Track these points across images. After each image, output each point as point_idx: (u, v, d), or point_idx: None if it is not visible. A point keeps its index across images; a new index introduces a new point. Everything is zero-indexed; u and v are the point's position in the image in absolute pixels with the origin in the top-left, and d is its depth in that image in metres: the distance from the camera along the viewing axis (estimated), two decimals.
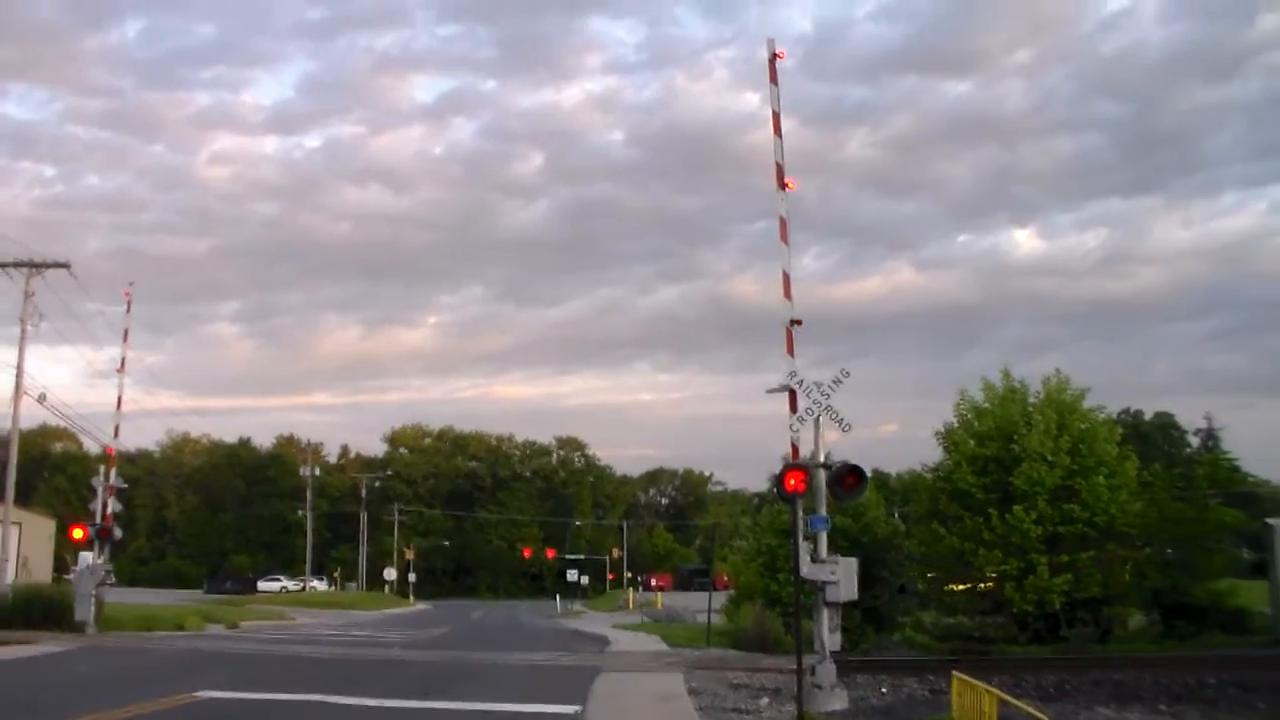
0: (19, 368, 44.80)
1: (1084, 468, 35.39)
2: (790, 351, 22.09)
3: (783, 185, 23.11)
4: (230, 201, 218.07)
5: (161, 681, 22.88)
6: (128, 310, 43.69)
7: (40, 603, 39.33)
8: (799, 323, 22.32)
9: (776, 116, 23.36)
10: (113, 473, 40.64)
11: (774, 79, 23.61)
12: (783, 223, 22.99)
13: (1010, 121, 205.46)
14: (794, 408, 21.34)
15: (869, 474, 22.96)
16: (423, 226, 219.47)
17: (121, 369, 42.86)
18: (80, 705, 18.36)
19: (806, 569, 20.35)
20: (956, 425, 38.59)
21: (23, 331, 45.40)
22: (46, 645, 31.75)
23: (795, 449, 21.52)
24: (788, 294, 22.53)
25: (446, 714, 19.33)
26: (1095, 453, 35.81)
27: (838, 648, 21.28)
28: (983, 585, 37.34)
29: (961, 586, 38.75)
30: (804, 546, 20.00)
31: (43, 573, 77.31)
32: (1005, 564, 34.85)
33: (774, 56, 23.68)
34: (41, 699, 20.29)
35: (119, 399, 42.77)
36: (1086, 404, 37.67)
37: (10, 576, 49.80)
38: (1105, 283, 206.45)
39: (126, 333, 43.49)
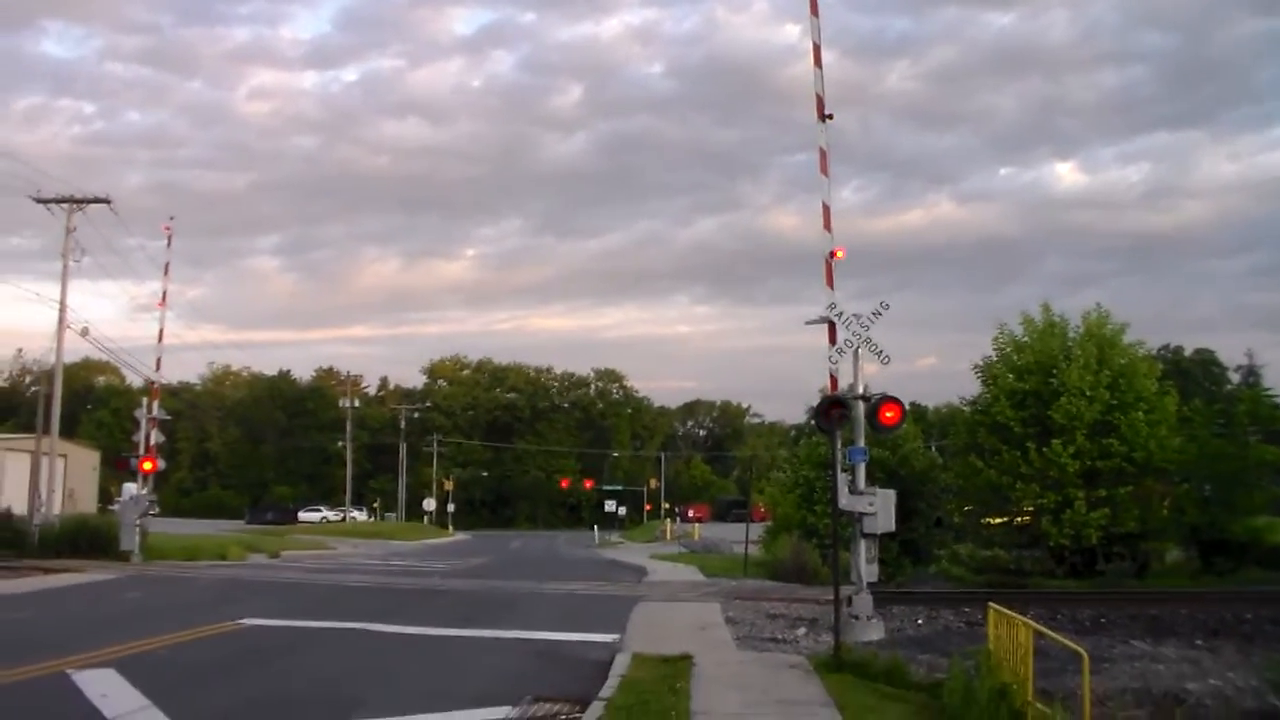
0: (61, 302, 45.13)
1: (1123, 403, 35.27)
2: (829, 283, 22.10)
3: (823, 117, 22.99)
4: (269, 136, 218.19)
5: (206, 609, 23.28)
6: (168, 245, 44.00)
7: (87, 533, 40.00)
8: (839, 254, 22.32)
9: (817, 48, 23.21)
10: (155, 405, 41.03)
11: (814, 10, 23.44)
12: (823, 155, 22.92)
13: (1054, 53, 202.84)
14: (833, 340, 21.35)
15: (907, 407, 22.96)
16: (462, 159, 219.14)
17: (163, 303, 43.21)
18: (129, 631, 18.71)
19: (845, 500, 20.43)
20: (995, 359, 38.49)
21: (65, 267, 45.67)
22: (94, 574, 32.27)
23: (834, 381, 21.55)
24: (827, 226, 22.53)
25: (487, 641, 19.59)
26: (1135, 388, 35.66)
27: (875, 579, 21.41)
28: (1020, 519, 37.41)
29: (998, 520, 38.82)
30: (842, 478, 20.06)
31: (88, 504, 78.25)
32: (1042, 498, 34.87)
33: None
34: (91, 625, 20.68)
35: (160, 332, 43.16)
36: (1127, 339, 37.51)
37: (57, 507, 50.55)
38: (1148, 217, 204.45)
39: (167, 267, 43.81)
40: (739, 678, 14.85)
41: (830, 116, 23.04)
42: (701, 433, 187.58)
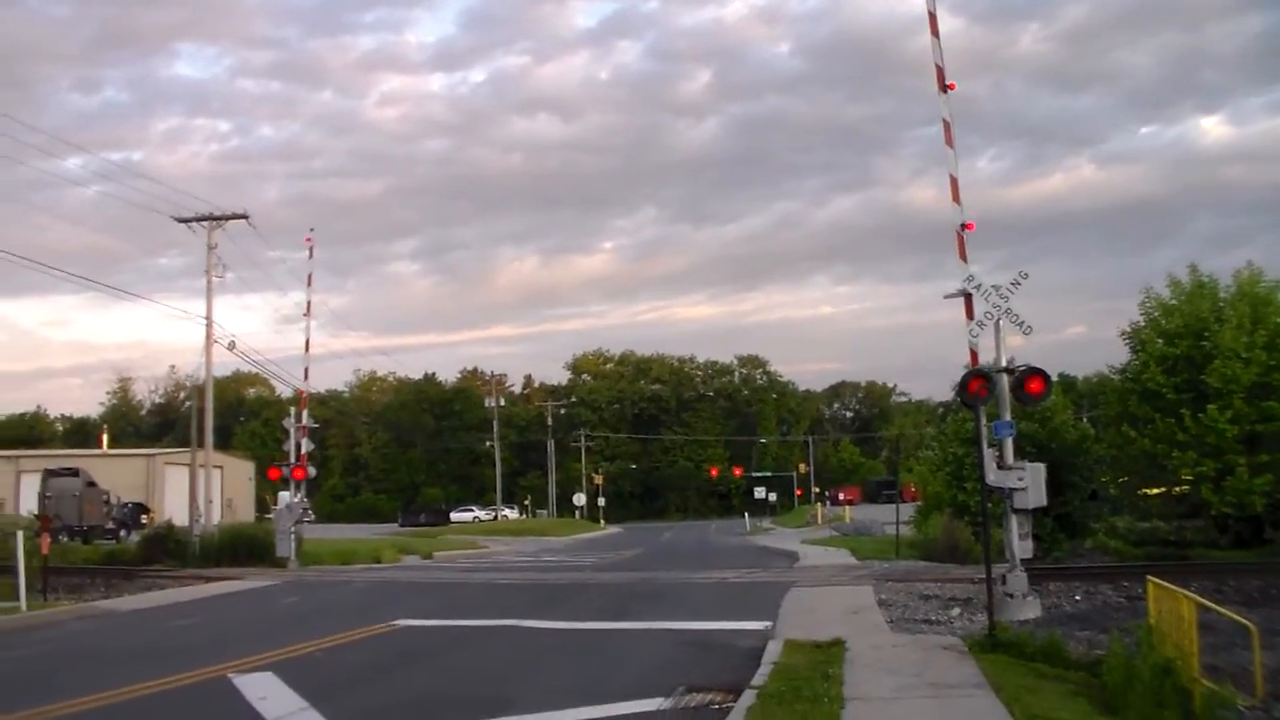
0: (208, 318, 46.21)
1: None
2: (962, 257, 21.85)
3: (944, 88, 22.70)
4: (401, 141, 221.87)
5: (360, 612, 23.61)
6: (309, 256, 44.49)
7: (244, 540, 41.06)
8: (970, 226, 22.03)
9: (933, 17, 22.86)
10: (304, 414, 41.73)
11: None
12: (946, 126, 22.63)
13: (1193, 1, 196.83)
14: (970, 313, 21.03)
15: (1054, 378, 22.49)
16: (593, 152, 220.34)
17: (308, 313, 43.84)
18: (286, 636, 19.06)
19: (993, 476, 20.06)
20: (1143, 324, 37.54)
21: (209, 283, 46.83)
22: (252, 580, 33.00)
23: (974, 355, 21.20)
24: (956, 198, 22.24)
25: (638, 633, 19.56)
26: None
27: (1029, 555, 21.06)
28: (1178, 488, 36.43)
29: (1156, 490, 37.88)
30: (989, 454, 19.66)
31: (245, 512, 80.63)
32: (1201, 465, 33.89)
33: None
34: (250, 630, 21.12)
35: (306, 342, 43.86)
36: None
37: (216, 517, 51.87)
38: None
39: (310, 278, 44.24)
40: (892, 661, 14.63)
41: (951, 87, 22.71)
42: (848, 414, 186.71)
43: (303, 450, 40.86)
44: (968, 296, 21.20)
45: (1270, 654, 13.56)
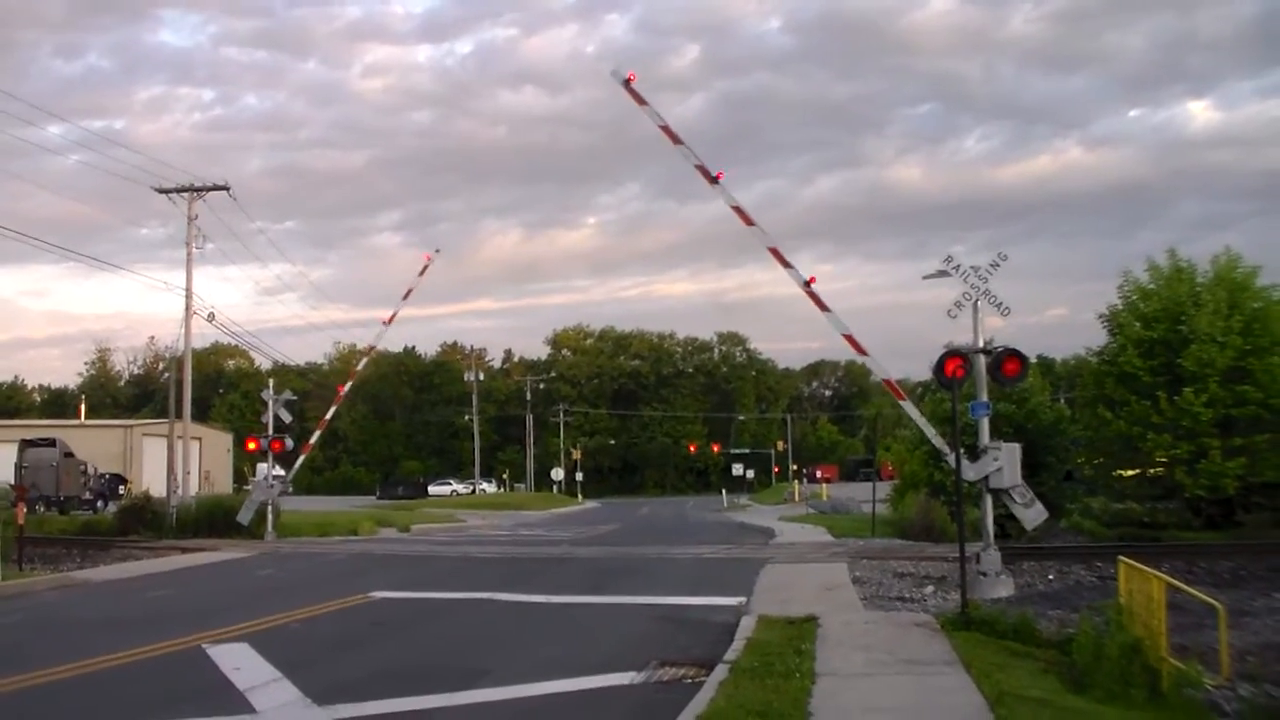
0: (187, 289, 46.10)
1: (1258, 348, 34.15)
2: (822, 309, 25.16)
3: (712, 180, 25.54)
4: (386, 113, 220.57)
5: (336, 583, 23.66)
6: (421, 274, 44.08)
7: (221, 512, 40.99)
8: (813, 280, 25.33)
9: (667, 130, 25.61)
10: (333, 409, 41.79)
11: (640, 101, 25.78)
12: (738, 211, 25.50)
13: None
14: (860, 351, 23.03)
15: (1033, 359, 22.64)
16: (579, 127, 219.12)
17: (389, 320, 43.19)
18: (261, 607, 19.12)
19: (971, 473, 20.34)
20: (1121, 308, 37.66)
21: (188, 254, 46.72)
22: (228, 552, 32.99)
23: (891, 385, 22.91)
24: (785, 265, 25.51)
25: (613, 608, 19.64)
26: (1270, 332, 34.48)
27: (1044, 518, 22.46)
28: (1152, 470, 36.59)
29: (1130, 472, 38.02)
30: (963, 459, 19.72)
31: (223, 484, 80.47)
32: (1175, 448, 34.05)
33: (627, 81, 25.74)
34: (226, 602, 21.09)
35: (371, 348, 43.97)
36: (1261, 282, 36.29)
37: (194, 488, 51.79)
38: None
39: (408, 292, 44.40)
40: (864, 638, 14.72)
41: (720, 177, 25.60)
42: (827, 393, 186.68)
43: (310, 441, 40.78)
44: (849, 338, 23.29)
45: (1237, 633, 13.70)
